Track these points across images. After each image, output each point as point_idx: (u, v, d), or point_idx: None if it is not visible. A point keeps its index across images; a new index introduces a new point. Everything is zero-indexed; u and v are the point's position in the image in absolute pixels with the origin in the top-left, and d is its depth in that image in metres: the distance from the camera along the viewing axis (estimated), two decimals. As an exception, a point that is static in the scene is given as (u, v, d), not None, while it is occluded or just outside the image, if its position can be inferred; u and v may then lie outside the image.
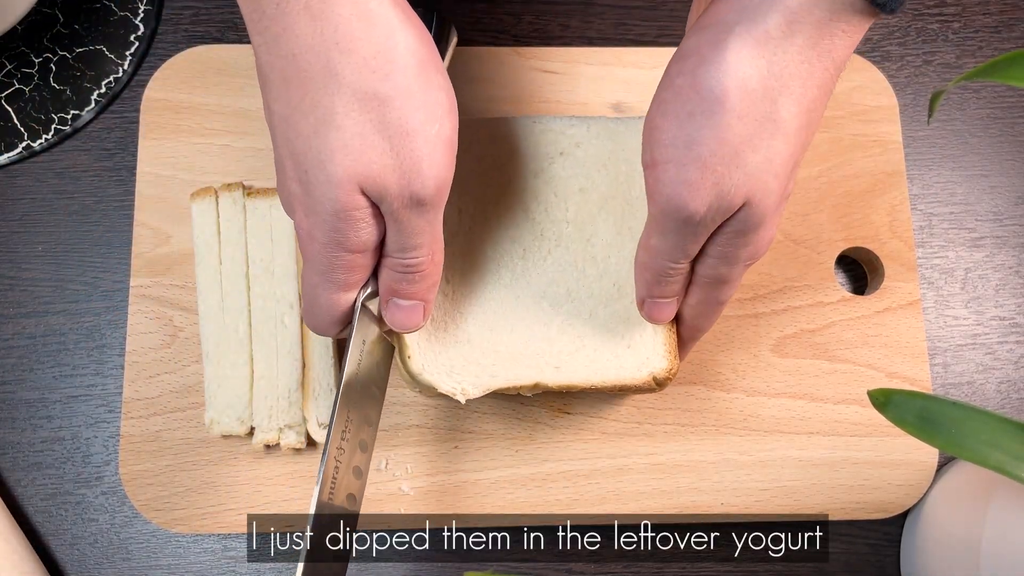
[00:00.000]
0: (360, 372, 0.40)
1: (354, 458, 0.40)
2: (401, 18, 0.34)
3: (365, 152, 0.34)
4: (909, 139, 0.56)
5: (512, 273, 0.46)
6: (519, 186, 0.47)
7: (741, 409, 0.50)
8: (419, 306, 0.40)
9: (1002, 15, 0.60)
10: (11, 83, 0.54)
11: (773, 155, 0.36)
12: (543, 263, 0.46)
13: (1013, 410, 0.53)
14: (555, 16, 0.58)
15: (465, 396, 0.43)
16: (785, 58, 0.34)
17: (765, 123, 0.35)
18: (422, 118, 0.35)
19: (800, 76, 0.35)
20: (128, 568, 0.49)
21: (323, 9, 0.33)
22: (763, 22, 0.34)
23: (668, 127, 0.36)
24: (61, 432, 0.50)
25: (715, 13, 0.36)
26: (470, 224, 0.46)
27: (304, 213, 0.36)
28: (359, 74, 0.33)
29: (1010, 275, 0.55)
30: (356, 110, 0.34)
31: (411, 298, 0.39)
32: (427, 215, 0.36)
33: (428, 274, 0.39)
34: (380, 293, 0.40)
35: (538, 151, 0.47)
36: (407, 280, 0.39)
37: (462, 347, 0.44)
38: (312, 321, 0.40)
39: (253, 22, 0.34)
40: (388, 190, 0.35)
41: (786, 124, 0.35)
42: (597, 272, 0.46)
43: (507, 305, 0.46)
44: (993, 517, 0.44)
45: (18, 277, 0.52)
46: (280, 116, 0.35)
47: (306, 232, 0.37)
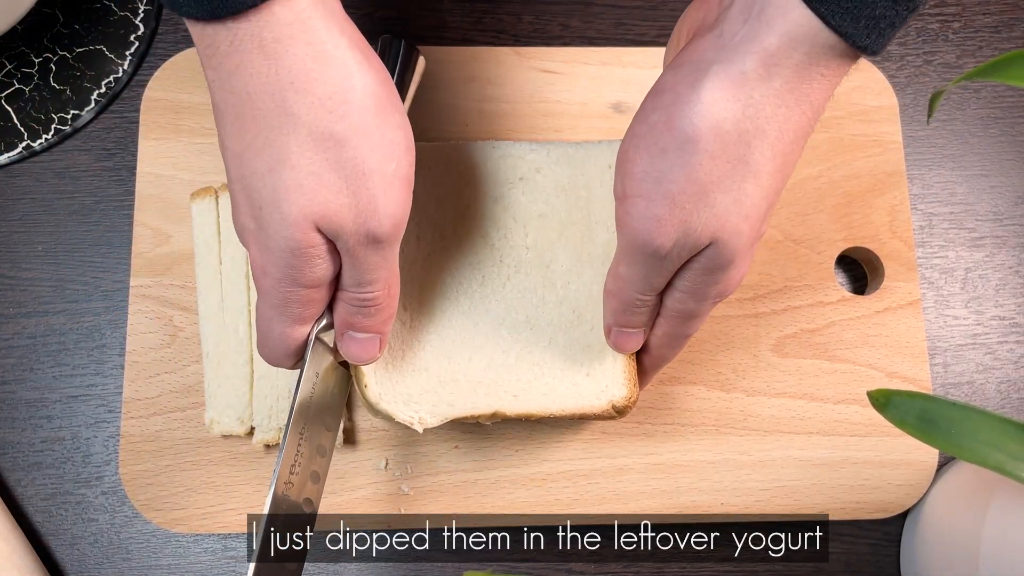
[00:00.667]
0: (312, 402, 0.41)
1: (304, 489, 0.41)
2: (358, 59, 0.34)
3: (320, 191, 0.34)
4: (909, 139, 0.56)
5: (471, 300, 0.46)
6: (478, 212, 0.46)
7: (741, 409, 0.50)
8: (375, 339, 0.40)
9: (1002, 15, 0.60)
10: (11, 83, 0.54)
11: (744, 197, 0.36)
12: (502, 290, 0.46)
13: (1013, 410, 0.53)
14: (555, 16, 0.58)
15: (423, 426, 0.43)
16: (762, 101, 0.34)
17: (737, 165, 0.35)
18: (379, 157, 0.34)
19: (776, 120, 0.35)
20: (128, 568, 0.49)
21: (277, 49, 0.33)
22: (740, 63, 0.34)
23: (640, 161, 0.36)
24: (61, 432, 0.50)
25: (693, 50, 0.36)
26: (428, 250, 0.46)
27: (258, 249, 0.36)
28: (315, 114, 0.33)
29: (1010, 275, 0.55)
30: (311, 150, 0.34)
31: (367, 331, 0.39)
32: (383, 251, 0.36)
33: (384, 308, 0.39)
34: (336, 326, 0.40)
35: (497, 176, 0.47)
36: (363, 314, 0.38)
37: (419, 376, 0.44)
38: (266, 353, 0.40)
39: (207, 57, 0.34)
40: (344, 228, 0.35)
41: (759, 167, 0.35)
42: (556, 299, 0.46)
43: (465, 333, 0.45)
44: (993, 517, 0.44)
45: (18, 277, 0.52)
46: (234, 153, 0.35)
47: (260, 267, 0.36)
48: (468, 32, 0.57)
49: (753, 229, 0.37)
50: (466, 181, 0.47)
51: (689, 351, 0.50)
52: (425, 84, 0.53)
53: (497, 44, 0.57)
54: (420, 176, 0.47)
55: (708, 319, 0.51)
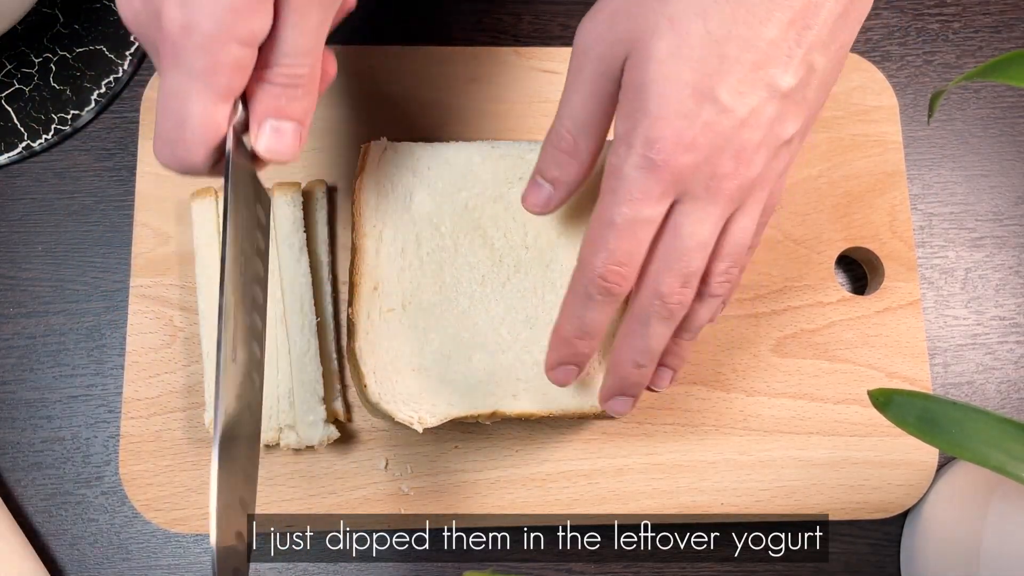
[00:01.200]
0: (242, 233, 0.36)
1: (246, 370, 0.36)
2: None
3: None
4: (909, 139, 0.56)
5: (470, 300, 0.45)
6: (477, 211, 0.46)
7: (741, 409, 0.50)
8: (297, 130, 0.35)
9: (1002, 15, 0.60)
10: (11, 83, 0.54)
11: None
12: (501, 289, 0.46)
13: (1013, 410, 0.53)
14: (555, 16, 0.58)
15: (423, 425, 0.43)
16: None
17: None
18: None
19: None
20: (128, 568, 0.49)
21: None
22: None
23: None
24: (61, 432, 0.50)
25: None
26: (427, 250, 0.46)
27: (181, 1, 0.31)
28: None
29: (1010, 275, 0.55)
30: None
31: (290, 118, 0.35)
32: (324, 13, 0.34)
33: (309, 90, 0.35)
34: (252, 116, 0.35)
35: (497, 176, 0.47)
36: (288, 96, 0.34)
37: (419, 376, 0.44)
38: (176, 148, 0.33)
39: None
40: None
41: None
42: (556, 299, 0.45)
43: (465, 333, 0.45)
44: (993, 517, 0.44)
45: (18, 277, 0.52)
46: None
47: (182, 24, 0.31)
48: (468, 32, 0.57)
49: (683, 49, 0.35)
50: (466, 181, 0.47)
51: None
52: (425, 84, 0.53)
53: (497, 44, 0.57)
54: (419, 177, 0.47)
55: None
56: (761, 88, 0.35)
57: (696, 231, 0.37)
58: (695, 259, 0.38)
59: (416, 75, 0.53)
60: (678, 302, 0.38)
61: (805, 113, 0.37)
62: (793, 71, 0.35)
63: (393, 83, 0.53)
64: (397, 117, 0.53)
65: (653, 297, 0.38)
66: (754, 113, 0.36)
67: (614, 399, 0.42)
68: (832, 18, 0.35)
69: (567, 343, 0.41)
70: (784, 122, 0.37)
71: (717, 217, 0.37)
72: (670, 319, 0.39)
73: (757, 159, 0.37)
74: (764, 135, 0.36)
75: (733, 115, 0.35)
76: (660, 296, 0.38)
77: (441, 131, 0.53)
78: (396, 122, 0.53)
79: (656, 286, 0.38)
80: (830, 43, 0.36)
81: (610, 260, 0.37)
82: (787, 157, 0.38)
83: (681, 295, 0.38)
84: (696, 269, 0.38)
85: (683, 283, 0.38)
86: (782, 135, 0.37)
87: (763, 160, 0.37)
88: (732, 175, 0.36)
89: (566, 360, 0.41)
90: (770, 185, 0.39)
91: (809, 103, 0.37)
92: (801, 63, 0.36)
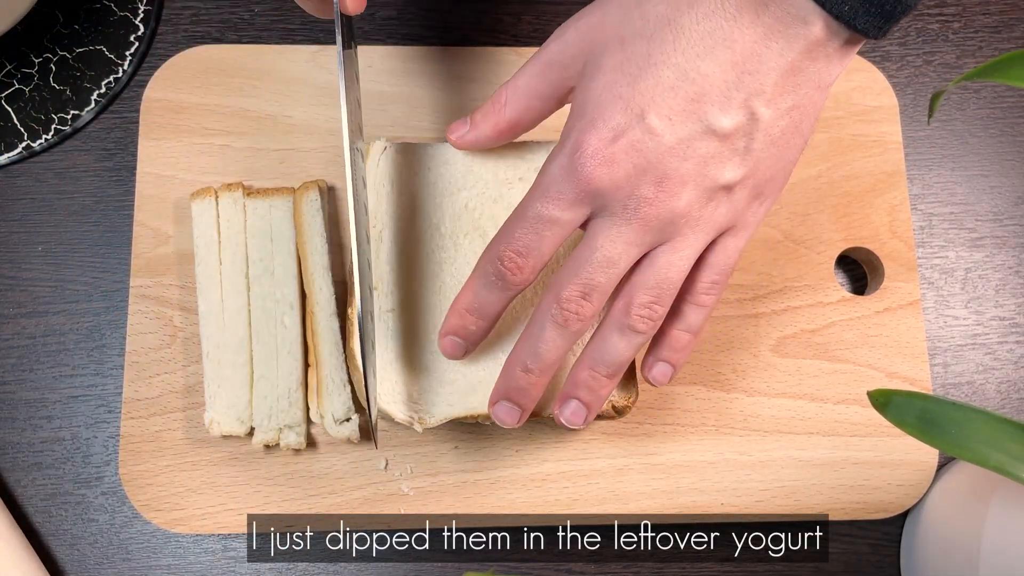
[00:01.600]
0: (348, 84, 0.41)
1: None
2: None
3: None
4: (909, 139, 0.56)
5: None
6: (477, 212, 0.46)
7: (741, 409, 0.50)
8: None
9: (1002, 15, 0.60)
10: (11, 83, 0.54)
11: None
12: None
13: (1013, 410, 0.53)
14: (555, 16, 0.58)
15: (423, 426, 0.43)
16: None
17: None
18: None
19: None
20: (128, 568, 0.49)
21: None
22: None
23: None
24: (61, 432, 0.50)
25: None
26: (427, 251, 0.46)
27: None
28: None
29: (1010, 275, 0.55)
30: None
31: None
32: None
33: None
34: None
35: (496, 176, 0.47)
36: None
37: (419, 376, 0.44)
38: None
39: None
40: None
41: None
42: None
43: None
44: (993, 517, 0.44)
45: (18, 277, 0.52)
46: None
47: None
48: (467, 32, 0.57)
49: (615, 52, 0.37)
50: (465, 181, 0.47)
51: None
52: (425, 84, 0.53)
53: (496, 44, 0.57)
54: (419, 177, 0.47)
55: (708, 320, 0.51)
56: (694, 121, 0.36)
57: (605, 246, 0.37)
58: (598, 273, 0.38)
59: (416, 75, 0.53)
60: (575, 312, 0.38)
61: (750, 165, 0.37)
62: (731, 114, 0.35)
63: (393, 83, 0.53)
64: (397, 117, 0.53)
65: (552, 300, 0.39)
66: (683, 144, 0.36)
67: (500, 403, 0.42)
68: (777, 72, 0.35)
69: (459, 314, 0.41)
70: (720, 165, 0.36)
71: (631, 241, 0.37)
72: (564, 327, 0.39)
73: (683, 193, 0.36)
74: (695, 171, 0.36)
75: (659, 140, 0.36)
76: (558, 300, 0.38)
77: (441, 131, 0.53)
78: (396, 122, 0.53)
79: (558, 289, 0.39)
80: (777, 98, 0.36)
81: (509, 247, 0.38)
82: (727, 207, 0.38)
83: (579, 306, 0.38)
84: (598, 284, 0.38)
85: (583, 294, 0.38)
86: (717, 178, 0.37)
87: (691, 197, 0.37)
88: (652, 201, 0.36)
89: (455, 331, 0.42)
90: (707, 229, 0.38)
91: (756, 157, 0.37)
92: (740, 107, 0.36)
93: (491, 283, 0.40)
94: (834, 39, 0.35)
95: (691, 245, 0.38)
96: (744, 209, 0.39)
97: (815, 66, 0.36)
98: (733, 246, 0.40)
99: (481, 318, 0.41)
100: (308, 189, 0.49)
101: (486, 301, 0.40)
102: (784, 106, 0.36)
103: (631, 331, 0.39)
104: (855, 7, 0.34)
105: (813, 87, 0.36)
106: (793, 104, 0.36)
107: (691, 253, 0.38)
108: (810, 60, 0.35)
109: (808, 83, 0.36)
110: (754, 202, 0.39)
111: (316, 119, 0.52)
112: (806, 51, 0.35)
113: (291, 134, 0.52)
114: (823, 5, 0.34)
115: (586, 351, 0.41)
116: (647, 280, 0.38)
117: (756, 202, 0.39)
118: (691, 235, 0.38)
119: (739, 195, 0.38)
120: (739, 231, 0.40)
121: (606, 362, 0.40)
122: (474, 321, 0.41)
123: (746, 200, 0.38)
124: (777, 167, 0.38)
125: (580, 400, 0.41)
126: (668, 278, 0.38)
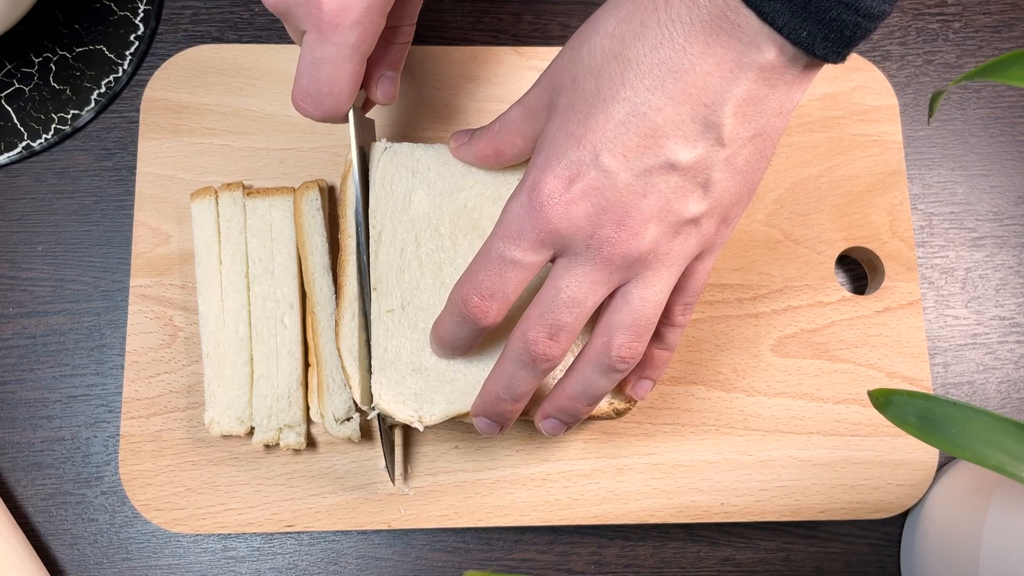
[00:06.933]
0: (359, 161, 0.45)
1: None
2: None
3: None
4: (909, 139, 0.56)
5: None
6: (477, 212, 0.46)
7: (741, 409, 0.50)
8: (398, 77, 0.44)
9: (1002, 15, 0.60)
10: (11, 83, 0.54)
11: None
12: None
13: (1013, 410, 0.53)
14: (555, 16, 0.58)
15: (423, 424, 0.43)
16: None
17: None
18: None
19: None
20: (128, 568, 0.49)
21: None
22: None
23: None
24: (61, 432, 0.50)
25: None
26: (427, 251, 0.46)
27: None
28: None
29: (1010, 275, 0.55)
30: None
31: (397, 69, 0.44)
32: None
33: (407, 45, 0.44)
34: (373, 69, 0.43)
35: (497, 176, 0.47)
36: (403, 52, 0.44)
37: (419, 375, 0.44)
38: (325, 100, 0.40)
39: None
40: None
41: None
42: None
43: None
44: (993, 517, 0.44)
45: (18, 277, 0.52)
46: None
47: (339, 6, 0.37)
48: (468, 32, 0.57)
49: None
50: (465, 181, 0.47)
51: (689, 351, 0.50)
52: (425, 84, 0.53)
53: (497, 44, 0.57)
54: (419, 176, 0.47)
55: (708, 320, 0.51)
56: (650, 156, 0.35)
57: (570, 286, 0.37)
58: (563, 314, 0.37)
59: (416, 75, 0.53)
60: (542, 353, 0.38)
61: (715, 196, 0.36)
62: (690, 146, 0.35)
63: (393, 83, 0.53)
64: (397, 117, 0.53)
65: (520, 340, 0.38)
66: (641, 180, 0.35)
67: (480, 417, 0.42)
68: (735, 102, 0.34)
69: (438, 341, 0.42)
70: (684, 199, 0.36)
71: (596, 280, 0.37)
72: (532, 366, 0.38)
73: (647, 231, 0.36)
74: (657, 208, 0.36)
75: (615, 179, 0.35)
76: (525, 341, 0.38)
77: (441, 131, 0.53)
78: (396, 122, 0.53)
79: (524, 331, 0.38)
80: (738, 128, 0.35)
81: (474, 291, 0.38)
82: (696, 238, 0.37)
83: (547, 347, 0.38)
84: (565, 324, 0.37)
85: (549, 335, 0.38)
86: (682, 212, 0.36)
87: (656, 233, 0.36)
88: (615, 241, 0.36)
89: (437, 352, 0.43)
90: (678, 262, 0.38)
91: (720, 188, 0.36)
92: (699, 139, 0.35)
93: (459, 323, 0.40)
94: (792, 65, 0.34)
95: (664, 279, 0.38)
96: (713, 236, 0.38)
97: (775, 93, 0.35)
98: (703, 269, 0.40)
99: (453, 351, 0.42)
100: (308, 189, 0.49)
101: (456, 336, 0.41)
102: (745, 135, 0.35)
103: (611, 371, 0.39)
104: (814, 33, 0.33)
105: (774, 114, 0.35)
106: (755, 132, 0.36)
107: (665, 287, 0.38)
108: (769, 87, 0.34)
109: (768, 111, 0.35)
110: (722, 226, 0.38)
111: (316, 119, 0.52)
112: (763, 79, 0.34)
113: (291, 134, 0.52)
114: (780, 31, 0.33)
115: (567, 382, 0.41)
116: (623, 320, 0.38)
117: (723, 226, 0.39)
118: (663, 270, 0.37)
119: (707, 225, 0.37)
120: (708, 254, 0.39)
121: (588, 395, 0.40)
122: (448, 354, 0.43)
123: (715, 227, 0.38)
124: (742, 192, 0.38)
125: (559, 420, 0.42)
126: (644, 315, 0.38)
